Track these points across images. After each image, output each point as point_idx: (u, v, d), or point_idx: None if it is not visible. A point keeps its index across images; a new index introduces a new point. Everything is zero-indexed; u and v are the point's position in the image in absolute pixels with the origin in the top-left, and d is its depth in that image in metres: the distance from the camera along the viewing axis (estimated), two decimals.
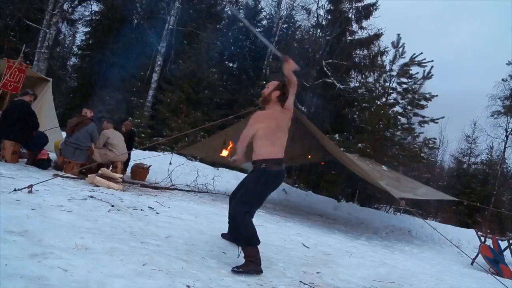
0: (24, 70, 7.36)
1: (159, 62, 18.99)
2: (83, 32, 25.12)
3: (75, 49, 26.78)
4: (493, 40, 52.28)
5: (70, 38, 27.36)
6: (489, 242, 7.19)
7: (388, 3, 19.50)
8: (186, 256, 2.91)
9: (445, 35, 59.63)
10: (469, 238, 9.10)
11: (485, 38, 56.34)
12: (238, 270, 2.87)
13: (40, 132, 6.47)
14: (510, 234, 18.07)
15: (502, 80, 21.89)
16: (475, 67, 50.95)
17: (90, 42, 24.28)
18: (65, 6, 19.87)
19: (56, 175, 5.29)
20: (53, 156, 6.99)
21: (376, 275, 3.90)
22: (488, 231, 10.66)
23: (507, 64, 21.12)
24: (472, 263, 6.79)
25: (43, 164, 6.29)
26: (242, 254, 3.02)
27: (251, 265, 2.93)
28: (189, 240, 3.49)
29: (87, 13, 24.01)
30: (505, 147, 22.91)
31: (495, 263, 6.43)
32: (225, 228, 4.46)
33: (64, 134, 7.11)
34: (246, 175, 3.68)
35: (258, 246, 3.02)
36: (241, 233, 3.06)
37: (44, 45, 16.64)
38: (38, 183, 3.95)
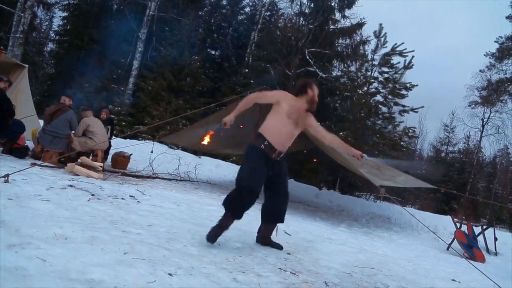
0: None
1: (139, 49, 18.60)
2: (60, 17, 24.37)
3: (52, 35, 25.96)
4: (474, 39, 53.19)
5: (47, 23, 26.49)
6: (464, 228, 7.43)
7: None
8: (167, 244, 2.91)
9: (426, 34, 60.36)
10: (445, 224, 9.38)
11: (465, 39, 57.49)
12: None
13: (17, 119, 6.28)
14: (484, 220, 18.76)
15: (480, 71, 22.40)
16: (456, 64, 51.97)
17: (68, 27, 23.56)
18: None
19: (33, 164, 5.18)
20: (30, 144, 6.82)
21: (356, 261, 3.99)
22: (464, 217, 11.00)
23: (484, 55, 21.59)
24: (448, 248, 7.02)
25: (20, 153, 6.12)
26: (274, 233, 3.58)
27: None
28: (171, 228, 3.48)
29: None
30: (481, 136, 23.63)
31: (469, 248, 6.66)
32: (206, 217, 4.47)
33: (41, 122, 6.93)
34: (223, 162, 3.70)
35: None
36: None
37: (19, 29, 16.06)
38: (14, 172, 3.85)
